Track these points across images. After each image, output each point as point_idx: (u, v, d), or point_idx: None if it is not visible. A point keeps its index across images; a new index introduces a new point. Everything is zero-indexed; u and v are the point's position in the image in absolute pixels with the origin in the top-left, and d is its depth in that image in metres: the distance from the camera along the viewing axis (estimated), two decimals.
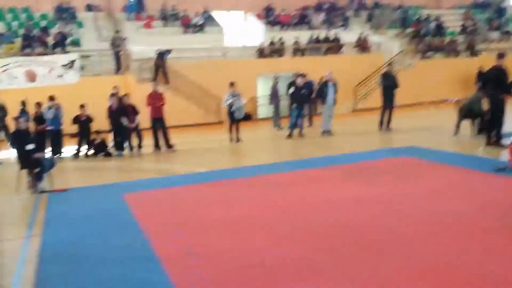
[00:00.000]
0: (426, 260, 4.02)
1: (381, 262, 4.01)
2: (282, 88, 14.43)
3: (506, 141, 8.43)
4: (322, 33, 20.51)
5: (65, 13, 18.77)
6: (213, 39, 19.27)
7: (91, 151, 11.09)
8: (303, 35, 20.27)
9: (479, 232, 4.67)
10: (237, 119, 12.03)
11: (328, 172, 7.86)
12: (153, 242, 4.84)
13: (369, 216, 5.33)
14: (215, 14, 21.24)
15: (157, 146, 11.13)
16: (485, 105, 9.88)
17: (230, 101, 11.89)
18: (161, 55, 16.35)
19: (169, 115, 11.54)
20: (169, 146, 11.13)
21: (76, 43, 17.20)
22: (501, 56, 9.40)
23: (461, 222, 5.01)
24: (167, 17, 20.39)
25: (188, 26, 19.84)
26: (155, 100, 11.10)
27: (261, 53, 19.15)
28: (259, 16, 21.83)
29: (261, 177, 7.72)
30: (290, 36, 19.97)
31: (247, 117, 17.27)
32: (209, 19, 20.61)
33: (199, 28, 19.87)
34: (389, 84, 12.23)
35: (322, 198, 6.14)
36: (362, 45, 20.37)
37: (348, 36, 20.89)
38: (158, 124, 11.08)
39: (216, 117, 16.81)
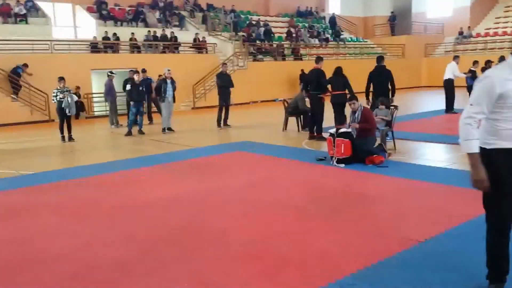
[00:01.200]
0: (247, 247, 4.19)
1: (197, 258, 3.99)
2: (118, 85, 13.96)
3: (325, 135, 9.53)
4: (158, 31, 20.40)
5: None
6: (39, 31, 17.69)
7: None
8: (139, 32, 19.91)
9: (298, 215, 5.12)
10: (69, 116, 11.25)
11: (164, 169, 7.85)
12: None
13: (191, 213, 5.30)
14: (41, 4, 19.45)
15: None
16: (307, 103, 11.06)
17: (59, 96, 11.06)
18: (15, 71, 15.11)
19: None
20: None
21: None
22: (319, 59, 10.61)
23: (282, 208, 5.38)
24: None
25: (8, 15, 17.79)
26: None
27: (94, 47, 18.20)
28: (90, 10, 20.67)
29: (95, 178, 7.35)
30: (125, 32, 19.42)
31: (81, 114, 16.25)
32: (33, 9, 18.78)
33: (22, 18, 17.98)
34: (224, 83, 12.80)
35: (153, 197, 6.00)
36: (199, 46, 20.85)
37: (184, 36, 21.18)
38: None
39: (44, 115, 15.47)
